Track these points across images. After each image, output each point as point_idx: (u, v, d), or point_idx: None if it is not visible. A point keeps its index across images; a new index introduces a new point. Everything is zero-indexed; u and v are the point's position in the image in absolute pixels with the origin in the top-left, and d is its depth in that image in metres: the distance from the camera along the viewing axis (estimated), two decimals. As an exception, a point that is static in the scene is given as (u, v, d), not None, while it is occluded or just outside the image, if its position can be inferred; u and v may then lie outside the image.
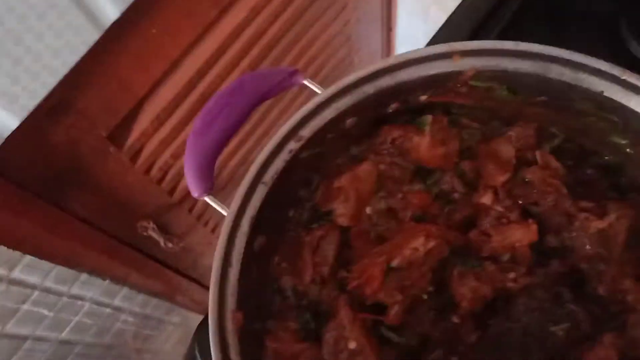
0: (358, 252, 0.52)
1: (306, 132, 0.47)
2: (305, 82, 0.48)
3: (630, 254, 0.50)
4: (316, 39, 1.01)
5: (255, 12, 0.83)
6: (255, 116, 0.98)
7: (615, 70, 0.45)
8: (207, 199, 0.46)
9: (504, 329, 0.47)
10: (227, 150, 0.87)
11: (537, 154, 0.52)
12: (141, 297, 1.17)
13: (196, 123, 0.46)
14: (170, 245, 1.07)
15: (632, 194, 0.51)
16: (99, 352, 1.11)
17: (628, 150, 0.50)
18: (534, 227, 0.50)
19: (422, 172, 0.54)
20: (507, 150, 0.54)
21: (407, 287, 0.50)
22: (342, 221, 0.52)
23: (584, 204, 0.50)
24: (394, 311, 0.49)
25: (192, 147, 0.45)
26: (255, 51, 0.89)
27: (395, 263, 0.49)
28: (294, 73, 0.48)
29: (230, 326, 0.43)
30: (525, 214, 0.52)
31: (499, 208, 0.51)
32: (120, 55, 0.68)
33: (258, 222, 0.46)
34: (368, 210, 0.54)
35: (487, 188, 0.52)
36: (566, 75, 0.46)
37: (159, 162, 0.94)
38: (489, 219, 0.52)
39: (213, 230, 1.21)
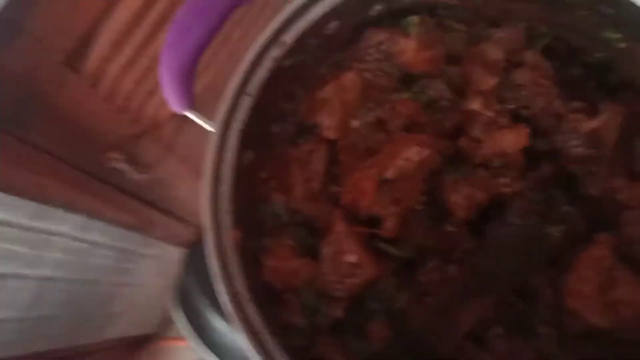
0: (347, 167, 0.51)
1: (289, 37, 0.45)
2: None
3: (621, 153, 0.49)
4: None
5: None
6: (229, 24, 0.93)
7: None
8: (189, 114, 0.43)
9: (501, 234, 0.47)
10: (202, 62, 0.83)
11: (528, 54, 0.50)
12: (117, 231, 1.15)
13: (169, 35, 0.42)
14: (140, 176, 1.04)
15: (623, 92, 0.50)
16: (81, 287, 1.10)
17: (621, 45, 0.49)
18: (526, 131, 0.49)
19: (408, 80, 0.52)
20: (495, 52, 0.52)
21: (401, 198, 0.49)
22: (329, 134, 0.50)
23: (576, 104, 0.49)
24: (389, 223, 0.48)
25: (167, 61, 0.42)
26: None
27: (388, 175, 0.48)
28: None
29: (229, 245, 0.41)
30: (516, 119, 0.51)
31: (489, 113, 0.50)
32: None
33: (245, 136, 0.44)
34: (355, 123, 0.52)
35: (476, 93, 0.51)
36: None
37: (122, 89, 0.89)
38: (479, 126, 0.51)
39: (183, 161, 1.18)
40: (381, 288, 0.48)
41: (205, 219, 0.40)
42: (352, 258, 0.46)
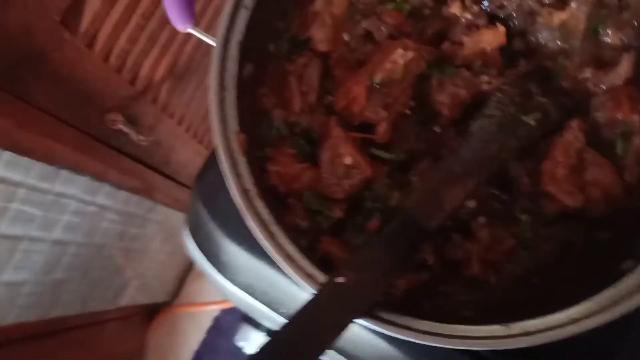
0: (340, 79, 0.54)
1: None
2: None
3: (589, 44, 0.53)
4: None
5: None
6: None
7: None
8: (191, 30, 0.46)
9: (481, 124, 0.50)
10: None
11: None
12: (123, 195, 1.18)
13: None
14: (141, 137, 1.07)
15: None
16: (91, 252, 1.13)
17: None
18: (502, 29, 0.53)
19: (391, -10, 0.55)
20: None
21: (391, 103, 0.52)
22: (322, 46, 0.53)
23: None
24: (381, 128, 0.52)
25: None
26: None
27: (377, 79, 0.51)
28: None
29: (236, 147, 0.45)
30: (493, 19, 0.54)
31: (468, 16, 0.53)
32: None
33: (245, 48, 0.47)
34: (346, 36, 0.55)
35: (454, -2, 0.54)
36: None
37: (116, 49, 0.92)
38: (460, 28, 0.54)
39: (180, 123, 1.20)
40: (376, 189, 0.52)
41: (214, 123, 0.44)
42: (348, 160, 0.50)
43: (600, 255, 0.49)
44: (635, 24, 0.52)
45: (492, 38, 0.52)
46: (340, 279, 0.39)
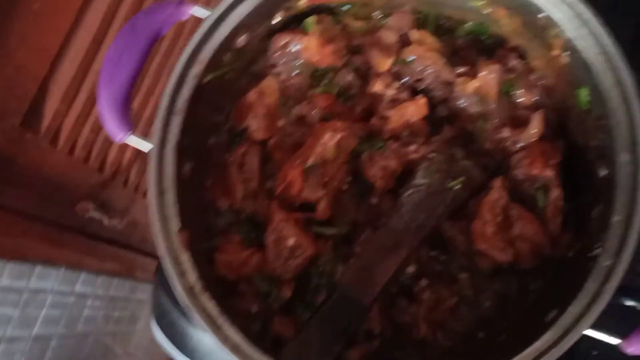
0: (280, 163, 0.58)
1: (204, 55, 0.51)
2: (194, 10, 0.52)
3: (504, 105, 0.58)
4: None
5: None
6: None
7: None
8: (128, 140, 0.50)
9: (410, 196, 0.54)
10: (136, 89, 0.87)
11: (410, 32, 0.58)
12: (101, 280, 1.19)
13: (100, 75, 0.49)
14: (114, 222, 1.09)
15: (497, 50, 0.58)
16: (75, 342, 1.12)
17: (485, 11, 0.57)
18: (423, 100, 0.57)
19: (319, 74, 0.60)
20: (389, 37, 0.59)
21: (328, 182, 0.56)
22: (258, 135, 0.57)
23: (460, 69, 0.57)
24: (321, 206, 0.56)
25: (102, 97, 0.48)
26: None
27: (310, 162, 0.55)
28: (182, 3, 0.52)
29: (178, 246, 0.47)
30: (415, 93, 0.58)
31: (391, 91, 0.58)
32: (7, 38, 0.67)
33: (182, 150, 0.50)
34: (281, 122, 0.59)
35: (377, 76, 0.58)
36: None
37: (81, 140, 0.95)
38: (385, 104, 0.58)
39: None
40: (322, 264, 0.55)
41: (154, 225, 0.46)
42: (291, 241, 0.53)
43: (533, 306, 0.52)
44: (543, 84, 0.56)
45: (414, 110, 0.56)
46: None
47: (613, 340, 0.44)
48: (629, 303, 0.58)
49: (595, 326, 0.44)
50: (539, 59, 0.56)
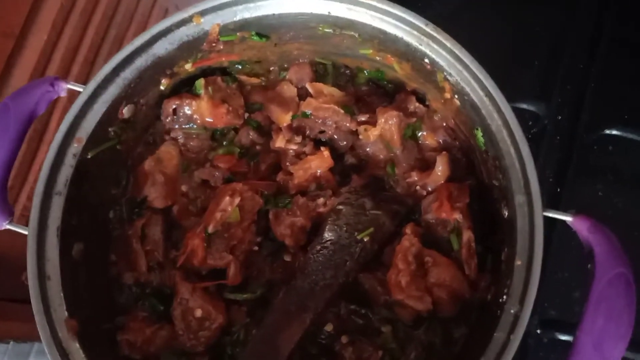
0: (187, 229, 0.55)
1: (83, 133, 0.49)
2: (69, 86, 0.50)
3: (410, 149, 0.56)
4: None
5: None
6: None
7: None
8: (8, 226, 0.47)
9: (316, 251, 0.51)
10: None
11: (307, 85, 0.56)
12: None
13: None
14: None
15: (397, 95, 0.57)
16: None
17: (377, 58, 0.55)
18: (326, 153, 0.55)
19: (219, 135, 0.58)
20: (289, 90, 0.58)
21: (236, 245, 0.54)
22: (158, 203, 0.55)
23: (361, 117, 0.56)
24: (231, 272, 0.53)
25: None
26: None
27: (211, 229, 0.52)
28: (55, 80, 0.49)
29: (66, 335, 0.45)
30: (319, 144, 0.57)
31: (293, 146, 0.56)
32: None
33: (68, 232, 0.48)
34: (184, 188, 0.57)
35: (278, 131, 0.57)
36: (293, 6, 0.51)
37: (17, 210, 0.91)
38: (290, 159, 0.57)
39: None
40: (237, 331, 0.52)
41: (37, 315, 0.44)
42: (198, 313, 0.50)
43: (459, 355, 0.50)
44: (444, 125, 0.55)
45: (319, 162, 0.55)
46: None
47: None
48: (564, 338, 0.56)
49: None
50: (435, 102, 0.55)
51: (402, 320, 0.53)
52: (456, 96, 0.50)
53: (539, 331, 0.58)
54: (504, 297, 0.44)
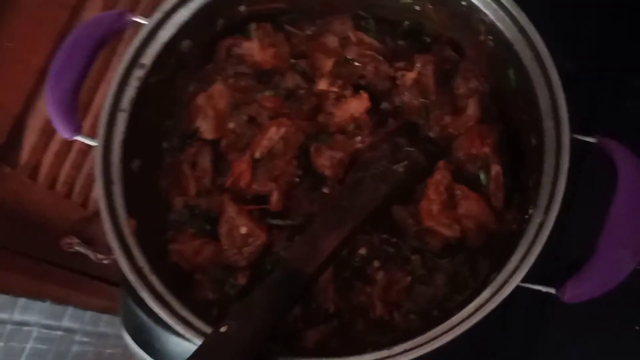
0: (234, 161, 0.60)
1: (146, 59, 0.55)
2: (134, 19, 0.55)
3: (443, 96, 0.60)
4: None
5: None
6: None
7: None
8: (77, 137, 0.53)
9: (355, 177, 0.56)
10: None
11: (350, 33, 0.61)
12: (90, 315, 1.19)
13: (48, 80, 0.52)
14: (100, 257, 1.10)
15: (433, 46, 0.62)
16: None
17: (416, 7, 0.60)
18: (365, 95, 0.60)
19: (265, 77, 0.63)
20: (332, 40, 0.63)
21: (278, 175, 0.58)
22: (207, 135, 0.60)
23: (398, 64, 0.60)
24: (274, 198, 0.58)
25: (50, 99, 0.52)
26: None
27: (257, 155, 0.57)
28: (122, 14, 0.55)
29: (126, 231, 0.50)
30: (357, 89, 0.61)
31: (334, 89, 0.61)
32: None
33: (129, 146, 0.53)
34: (231, 125, 0.62)
35: (321, 76, 0.62)
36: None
37: (62, 176, 0.97)
38: (331, 102, 0.61)
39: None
40: (276, 252, 0.56)
41: (103, 214, 0.49)
42: (243, 230, 0.55)
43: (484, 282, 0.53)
44: (477, 72, 0.59)
45: (357, 104, 0.59)
46: (223, 329, 0.42)
47: (550, 290, 0.45)
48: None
49: (532, 279, 0.44)
50: (470, 48, 0.59)
51: (431, 250, 0.56)
52: (490, 37, 0.55)
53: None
54: (530, 212, 0.48)
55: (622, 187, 0.44)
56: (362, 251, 0.56)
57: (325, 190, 0.59)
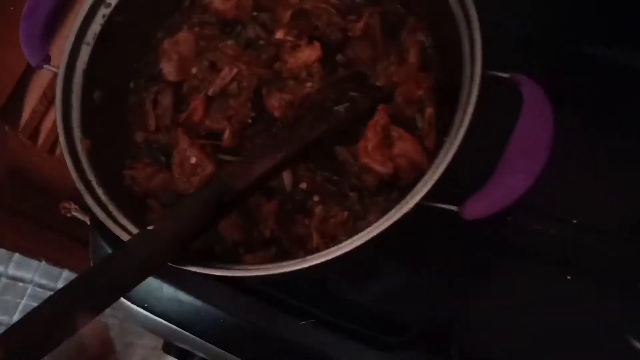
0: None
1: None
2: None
3: (389, 47, 0.64)
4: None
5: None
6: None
7: None
8: (45, 66, 0.58)
9: (299, 116, 0.60)
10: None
11: (307, -12, 0.66)
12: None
13: (23, 12, 0.58)
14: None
15: (383, 1, 0.66)
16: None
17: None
18: (317, 45, 0.64)
19: (228, 27, 0.68)
20: (291, -4, 0.68)
21: (232, 115, 0.63)
22: (171, 77, 0.65)
23: (350, 17, 0.65)
24: (225, 135, 0.62)
25: (23, 27, 0.57)
26: None
27: (210, 92, 0.62)
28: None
29: (79, 148, 0.55)
30: (312, 40, 0.66)
31: (290, 38, 0.65)
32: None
33: (91, 77, 0.58)
34: (194, 70, 0.67)
35: (280, 26, 0.66)
36: None
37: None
38: (286, 50, 0.66)
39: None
40: None
41: (59, 129, 0.54)
42: (193, 160, 0.59)
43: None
44: (423, 25, 0.63)
45: (309, 53, 0.64)
46: (150, 227, 0.47)
47: (451, 208, 0.48)
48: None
49: (434, 198, 0.47)
50: (416, 3, 0.63)
51: (368, 188, 0.60)
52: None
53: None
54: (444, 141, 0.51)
55: (523, 117, 0.47)
56: (303, 185, 0.60)
57: (275, 130, 0.63)
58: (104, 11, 0.60)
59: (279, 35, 0.65)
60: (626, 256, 0.64)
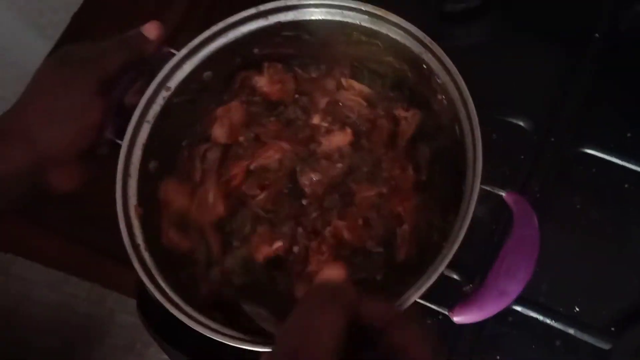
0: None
1: (172, 83, 0.70)
2: (170, 50, 0.70)
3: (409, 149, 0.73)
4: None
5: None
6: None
7: (362, 6, 0.67)
8: (110, 137, 0.68)
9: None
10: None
11: (342, 80, 0.74)
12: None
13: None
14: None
15: (415, 97, 0.73)
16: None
17: (397, 66, 0.72)
18: (349, 131, 0.73)
19: (272, 106, 0.77)
20: (330, 83, 0.77)
21: (267, 185, 0.73)
22: (220, 139, 0.74)
23: (379, 111, 0.72)
24: (258, 199, 0.72)
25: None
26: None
27: (252, 166, 0.72)
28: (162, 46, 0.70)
29: (133, 215, 0.64)
30: (344, 125, 0.74)
31: (325, 124, 0.74)
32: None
33: (149, 150, 0.68)
34: (241, 138, 0.76)
35: (316, 112, 0.75)
36: (331, 14, 0.70)
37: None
38: (321, 133, 0.74)
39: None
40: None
41: (117, 197, 0.63)
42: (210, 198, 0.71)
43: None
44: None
45: (342, 137, 0.73)
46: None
47: (444, 311, 0.55)
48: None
49: (428, 298, 0.54)
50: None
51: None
52: (444, 96, 0.65)
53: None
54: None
55: (515, 233, 0.54)
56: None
57: (304, 202, 0.72)
58: (164, 94, 0.69)
59: (315, 120, 0.74)
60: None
